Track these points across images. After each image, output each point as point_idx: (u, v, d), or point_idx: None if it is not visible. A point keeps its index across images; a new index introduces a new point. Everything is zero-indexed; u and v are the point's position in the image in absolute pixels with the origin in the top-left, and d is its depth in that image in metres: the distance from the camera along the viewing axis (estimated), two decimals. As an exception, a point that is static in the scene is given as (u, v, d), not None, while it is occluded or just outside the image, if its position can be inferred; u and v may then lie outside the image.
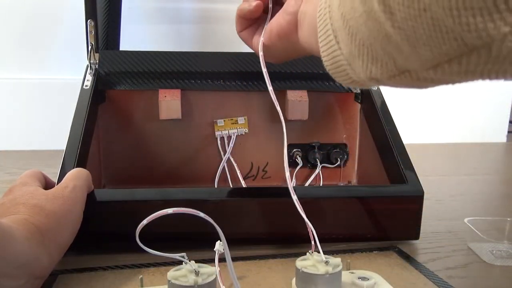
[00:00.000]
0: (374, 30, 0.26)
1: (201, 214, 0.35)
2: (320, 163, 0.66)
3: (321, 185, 0.65)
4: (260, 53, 0.47)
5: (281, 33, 0.43)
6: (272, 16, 0.47)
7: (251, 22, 0.50)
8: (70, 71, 0.98)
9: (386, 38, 0.26)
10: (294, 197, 0.44)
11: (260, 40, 0.47)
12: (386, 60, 0.28)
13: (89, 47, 0.62)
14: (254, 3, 0.47)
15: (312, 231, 0.43)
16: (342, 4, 0.29)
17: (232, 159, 0.64)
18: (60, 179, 0.46)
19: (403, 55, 0.26)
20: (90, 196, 0.46)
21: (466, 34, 0.21)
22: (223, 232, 0.36)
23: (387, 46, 0.27)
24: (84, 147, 0.52)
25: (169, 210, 0.35)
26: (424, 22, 0.23)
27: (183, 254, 0.36)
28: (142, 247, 0.35)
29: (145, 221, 0.34)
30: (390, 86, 0.31)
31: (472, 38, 0.21)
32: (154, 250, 0.35)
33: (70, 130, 0.53)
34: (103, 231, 0.48)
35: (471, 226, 0.51)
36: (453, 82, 0.26)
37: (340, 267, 0.38)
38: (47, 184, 0.48)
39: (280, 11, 0.44)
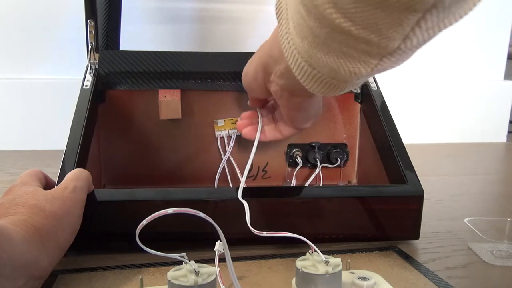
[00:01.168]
0: (343, 40, 0.32)
1: (201, 214, 0.35)
2: (320, 163, 0.66)
3: (321, 185, 0.65)
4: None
5: (292, 108, 0.49)
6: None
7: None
8: (70, 71, 0.98)
9: (354, 39, 0.31)
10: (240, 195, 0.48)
11: (257, 137, 0.55)
12: (362, 58, 0.33)
13: (89, 47, 0.62)
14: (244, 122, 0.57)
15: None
16: (304, 37, 0.35)
17: (232, 159, 0.64)
18: (60, 179, 0.46)
19: (374, 44, 0.31)
20: (90, 196, 0.46)
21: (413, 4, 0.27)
22: (223, 232, 0.36)
23: (358, 45, 0.32)
24: (84, 147, 0.52)
25: (169, 210, 0.35)
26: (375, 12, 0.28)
27: (183, 254, 0.36)
28: (142, 247, 0.35)
29: (145, 221, 0.34)
30: (376, 74, 0.36)
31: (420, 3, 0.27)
32: (154, 250, 0.35)
33: (70, 130, 0.53)
34: (103, 231, 0.48)
35: (471, 226, 0.51)
36: (420, 46, 0.32)
37: (340, 267, 0.38)
38: (48, 184, 0.48)
39: (279, 108, 0.53)
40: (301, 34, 0.35)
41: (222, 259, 0.37)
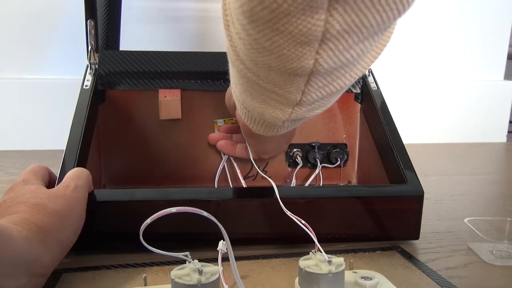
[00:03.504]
0: (258, 89, 0.37)
1: (205, 214, 0.35)
2: (320, 163, 0.66)
3: (321, 185, 0.65)
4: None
5: (248, 135, 0.54)
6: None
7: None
8: (70, 71, 0.98)
9: (265, 89, 0.36)
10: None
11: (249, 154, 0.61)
12: (278, 106, 0.37)
13: (89, 47, 0.62)
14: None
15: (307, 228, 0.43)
16: (236, 83, 0.41)
17: (232, 159, 0.64)
18: (60, 179, 0.46)
19: (281, 95, 0.35)
20: (90, 196, 0.46)
21: None
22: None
23: (270, 95, 0.36)
24: (84, 147, 0.52)
25: (173, 209, 0.35)
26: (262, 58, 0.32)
27: (187, 253, 0.36)
28: (146, 246, 0.35)
29: (148, 220, 0.34)
30: (298, 119, 0.40)
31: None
32: (157, 249, 0.35)
33: (70, 130, 0.53)
34: (103, 231, 0.48)
35: (471, 226, 0.51)
36: (328, 98, 0.36)
37: (343, 266, 0.38)
38: (52, 180, 0.48)
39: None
40: (234, 80, 0.41)
41: (225, 259, 0.37)
